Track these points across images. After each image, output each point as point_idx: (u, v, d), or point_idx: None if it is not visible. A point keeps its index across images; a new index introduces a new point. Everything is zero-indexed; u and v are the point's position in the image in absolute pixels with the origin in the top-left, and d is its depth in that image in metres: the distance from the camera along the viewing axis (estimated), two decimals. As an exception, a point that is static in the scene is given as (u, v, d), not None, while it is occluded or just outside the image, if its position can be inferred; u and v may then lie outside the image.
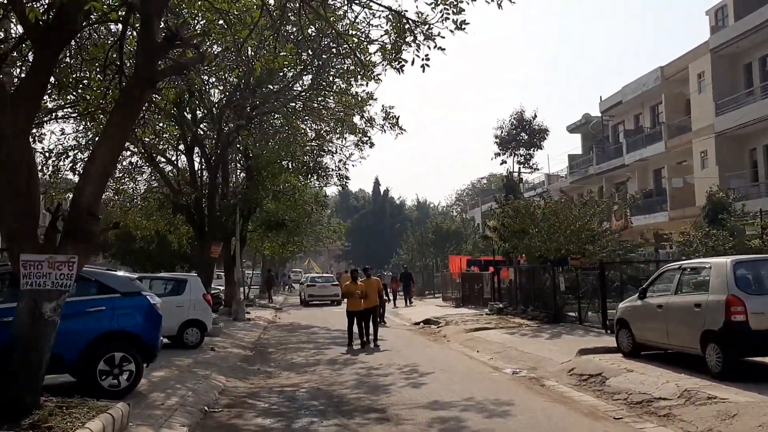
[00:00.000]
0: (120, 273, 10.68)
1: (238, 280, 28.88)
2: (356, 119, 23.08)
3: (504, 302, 25.63)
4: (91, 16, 9.29)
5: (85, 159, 17.64)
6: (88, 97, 11.52)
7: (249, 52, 18.03)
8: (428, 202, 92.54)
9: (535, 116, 32.52)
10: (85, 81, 11.69)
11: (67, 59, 11.17)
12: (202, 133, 20.76)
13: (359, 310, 17.48)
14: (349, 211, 76.78)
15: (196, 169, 20.01)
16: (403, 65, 10.75)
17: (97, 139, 11.14)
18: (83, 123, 17.29)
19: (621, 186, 41.29)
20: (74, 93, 12.05)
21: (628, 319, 12.93)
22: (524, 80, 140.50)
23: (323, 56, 18.70)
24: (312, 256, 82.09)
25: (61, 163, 17.62)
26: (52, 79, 11.36)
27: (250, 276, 44.86)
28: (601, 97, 45.09)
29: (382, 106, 19.96)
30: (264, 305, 35.99)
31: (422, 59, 9.62)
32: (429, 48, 9.76)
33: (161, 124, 18.86)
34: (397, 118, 19.24)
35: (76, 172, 17.53)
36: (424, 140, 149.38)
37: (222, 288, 29.48)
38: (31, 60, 8.32)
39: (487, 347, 16.67)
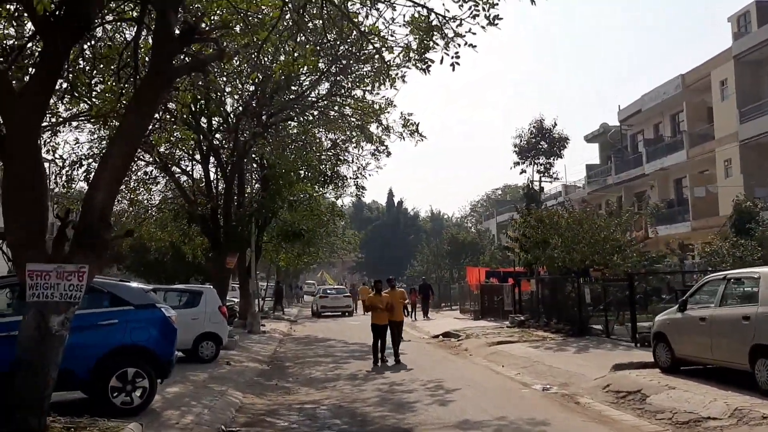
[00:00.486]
0: (133, 284, 10.18)
1: (253, 291, 28.40)
2: (373, 128, 22.68)
3: (525, 315, 24.95)
4: (106, 16, 8.88)
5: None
6: (99, 102, 11.07)
7: (266, 58, 17.73)
8: (442, 214, 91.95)
9: (555, 124, 31.89)
10: (99, 86, 11.28)
11: (81, 63, 10.77)
12: (217, 142, 20.32)
13: (384, 323, 16.42)
14: (363, 222, 76.26)
15: (211, 178, 19.57)
16: (429, 66, 10.25)
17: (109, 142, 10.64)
18: (97, 131, 16.93)
19: (642, 196, 40.57)
20: (88, 100, 11.63)
21: (666, 333, 12.25)
22: (539, 90, 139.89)
23: (342, 62, 18.26)
24: (325, 268, 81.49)
25: (75, 172, 17.21)
26: (65, 84, 11.06)
27: (265, 288, 44.37)
28: (619, 107, 44.45)
29: (401, 113, 19.35)
30: (278, 317, 35.47)
31: (452, 57, 9.08)
32: (459, 46, 9.21)
33: (177, 133, 18.48)
34: (417, 125, 18.75)
35: (90, 181, 17.18)
36: (438, 151, 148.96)
37: (237, 300, 29.03)
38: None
39: (512, 362, 16.03)
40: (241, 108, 19.52)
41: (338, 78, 17.87)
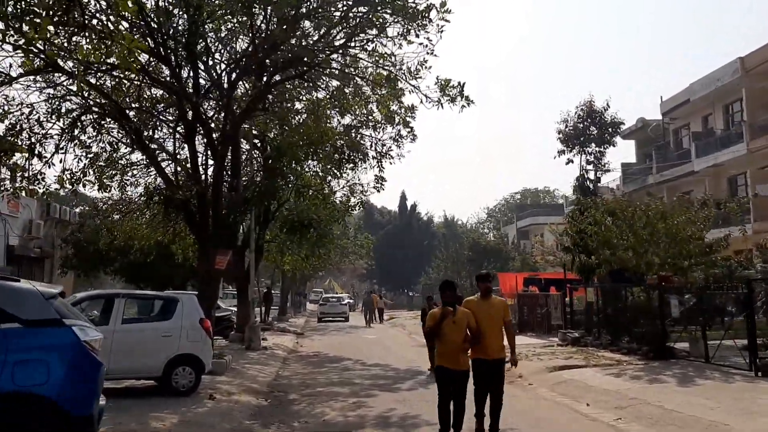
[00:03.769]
0: (23, 283, 5.90)
1: (253, 299, 24.22)
2: (394, 106, 18.56)
3: (580, 330, 20.71)
4: None
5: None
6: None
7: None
8: (456, 219, 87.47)
9: (608, 106, 27.42)
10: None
11: None
12: (205, 111, 16.14)
13: (461, 369, 8.07)
14: (374, 227, 71.62)
15: (197, 154, 15.37)
16: None
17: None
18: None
19: (687, 195, 36.27)
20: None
21: None
22: (566, 84, 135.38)
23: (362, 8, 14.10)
24: (333, 276, 77.33)
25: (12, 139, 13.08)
26: None
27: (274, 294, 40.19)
28: (661, 98, 40.11)
29: (437, 78, 15.04)
30: (283, 329, 31.23)
31: None
32: None
33: (152, 91, 14.46)
34: (462, 86, 14.54)
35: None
36: (452, 155, 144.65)
37: (234, 309, 24.87)
38: None
39: (596, 397, 11.80)
40: (233, 63, 15.29)
41: (361, 19, 13.56)
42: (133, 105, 15.37)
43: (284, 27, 12.75)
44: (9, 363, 5.28)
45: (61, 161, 14.64)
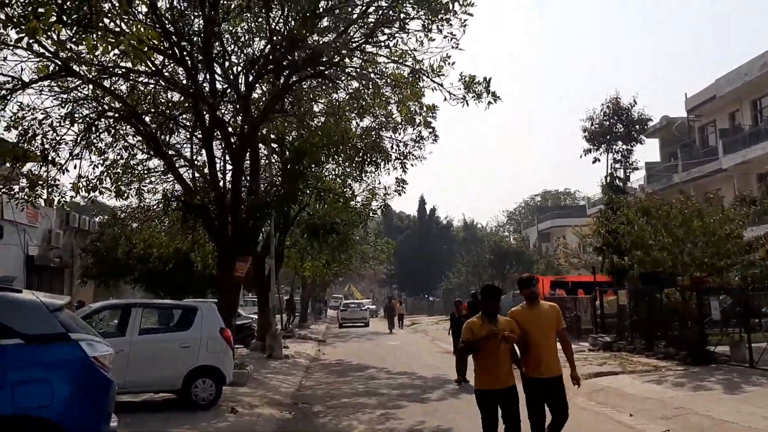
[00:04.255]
0: (26, 294, 5.36)
1: (273, 307, 23.75)
2: (413, 107, 17.98)
3: (612, 335, 19.96)
4: None
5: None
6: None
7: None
8: (476, 223, 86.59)
9: (635, 103, 26.58)
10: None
11: None
12: (222, 114, 15.70)
13: (505, 386, 6.54)
14: (393, 231, 71.02)
15: (215, 159, 14.89)
16: None
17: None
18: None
19: (713, 194, 35.25)
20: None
21: None
22: (586, 82, 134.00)
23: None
24: (353, 282, 76.86)
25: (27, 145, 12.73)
26: None
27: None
28: (686, 95, 39.12)
29: (461, 74, 14.48)
30: (304, 336, 30.74)
31: None
32: None
33: (169, 94, 14.03)
34: (488, 81, 13.95)
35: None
36: (467, 156, 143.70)
37: (255, 317, 24.43)
38: None
39: (639, 407, 11.12)
40: (248, 63, 14.75)
41: (383, 13, 13.02)
42: (149, 109, 14.96)
43: (304, 22, 12.22)
44: (8, 383, 4.79)
45: (76, 167, 14.31)
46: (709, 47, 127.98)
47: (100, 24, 7.16)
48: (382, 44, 14.17)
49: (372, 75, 15.86)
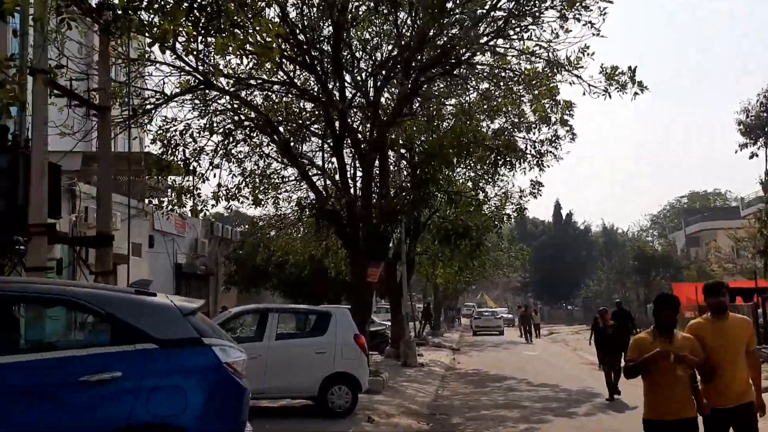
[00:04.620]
0: (159, 297, 5.23)
1: (406, 314, 23.49)
2: (549, 104, 17.05)
3: (784, 347, 17.81)
4: None
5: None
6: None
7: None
8: (615, 228, 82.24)
9: (796, 90, 23.89)
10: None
11: None
12: (352, 120, 15.69)
13: (686, 417, 5.25)
14: (527, 238, 69.05)
15: (346, 166, 14.90)
16: None
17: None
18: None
19: None
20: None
21: None
22: (737, 74, 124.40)
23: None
24: (485, 290, 75.56)
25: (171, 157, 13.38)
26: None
27: (421, 309, 39.51)
28: None
29: (601, 66, 13.49)
30: (438, 344, 30.26)
31: None
32: None
33: (302, 103, 14.18)
34: (633, 71, 12.85)
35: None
36: (604, 156, 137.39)
37: (388, 324, 24.30)
38: None
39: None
40: (377, 68, 14.59)
41: (515, 6, 12.34)
42: (282, 118, 15.27)
43: (433, 18, 11.83)
44: (144, 389, 4.67)
45: (215, 176, 14.89)
46: None
47: (228, 26, 7.11)
48: (515, 38, 13.48)
49: (501, 70, 15.20)
